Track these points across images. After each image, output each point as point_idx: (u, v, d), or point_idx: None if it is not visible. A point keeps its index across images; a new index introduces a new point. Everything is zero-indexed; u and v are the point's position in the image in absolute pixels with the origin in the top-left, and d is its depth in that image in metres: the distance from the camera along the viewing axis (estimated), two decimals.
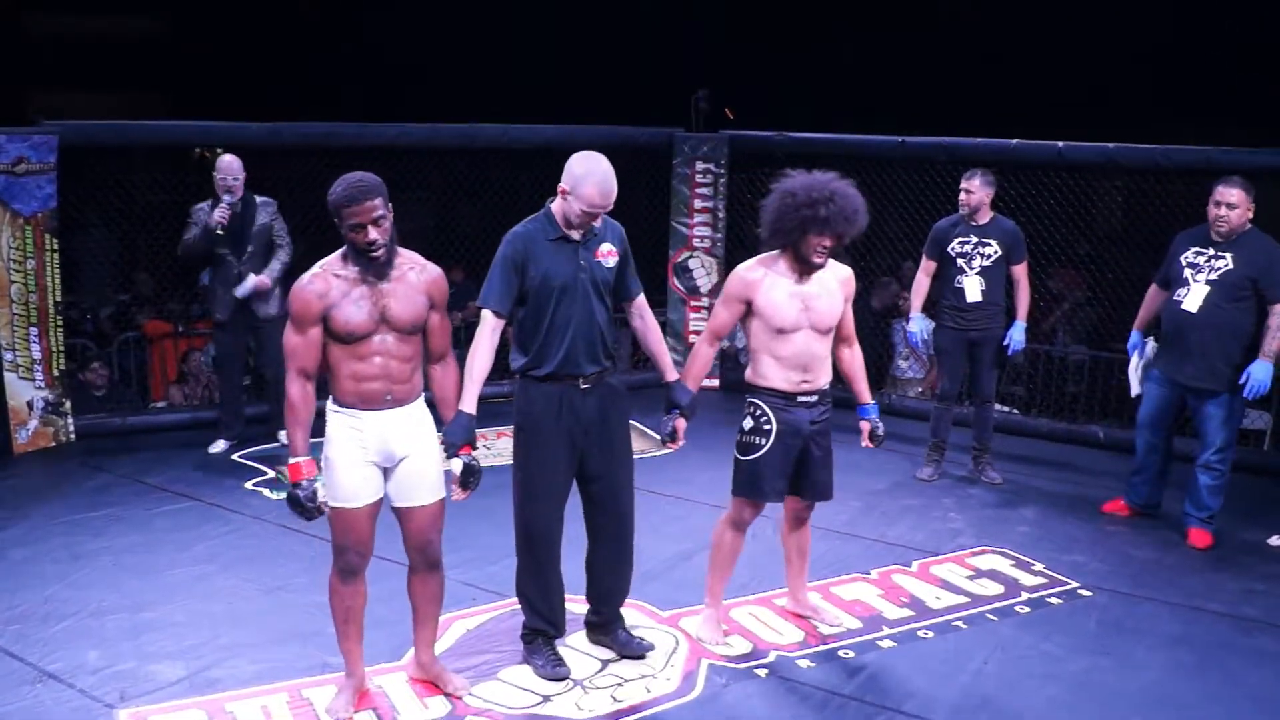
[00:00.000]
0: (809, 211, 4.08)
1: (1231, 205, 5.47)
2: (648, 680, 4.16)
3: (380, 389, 3.67)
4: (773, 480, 4.33)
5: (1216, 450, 5.65)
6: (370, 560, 3.83)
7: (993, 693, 4.15)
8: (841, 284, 4.33)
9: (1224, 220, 5.49)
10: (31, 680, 4.06)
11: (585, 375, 4.07)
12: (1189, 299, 5.57)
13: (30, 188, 6.78)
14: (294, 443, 3.64)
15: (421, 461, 3.79)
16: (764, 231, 4.25)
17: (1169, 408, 5.83)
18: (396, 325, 3.66)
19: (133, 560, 5.23)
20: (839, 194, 4.11)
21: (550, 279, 3.99)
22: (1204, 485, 5.70)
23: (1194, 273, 5.58)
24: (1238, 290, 5.45)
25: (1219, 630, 4.74)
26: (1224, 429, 5.61)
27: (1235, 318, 5.47)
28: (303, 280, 3.63)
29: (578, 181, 3.94)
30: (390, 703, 3.95)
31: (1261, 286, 5.43)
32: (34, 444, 6.98)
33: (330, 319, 3.60)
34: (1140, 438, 5.99)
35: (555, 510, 4.15)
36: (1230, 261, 5.48)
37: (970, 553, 5.55)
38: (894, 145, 8.10)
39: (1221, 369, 5.52)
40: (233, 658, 4.26)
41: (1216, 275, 5.51)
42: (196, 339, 8.62)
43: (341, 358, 3.65)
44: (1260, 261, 5.43)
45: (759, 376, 4.33)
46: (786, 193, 4.15)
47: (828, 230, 4.11)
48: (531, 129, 8.42)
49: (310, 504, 3.62)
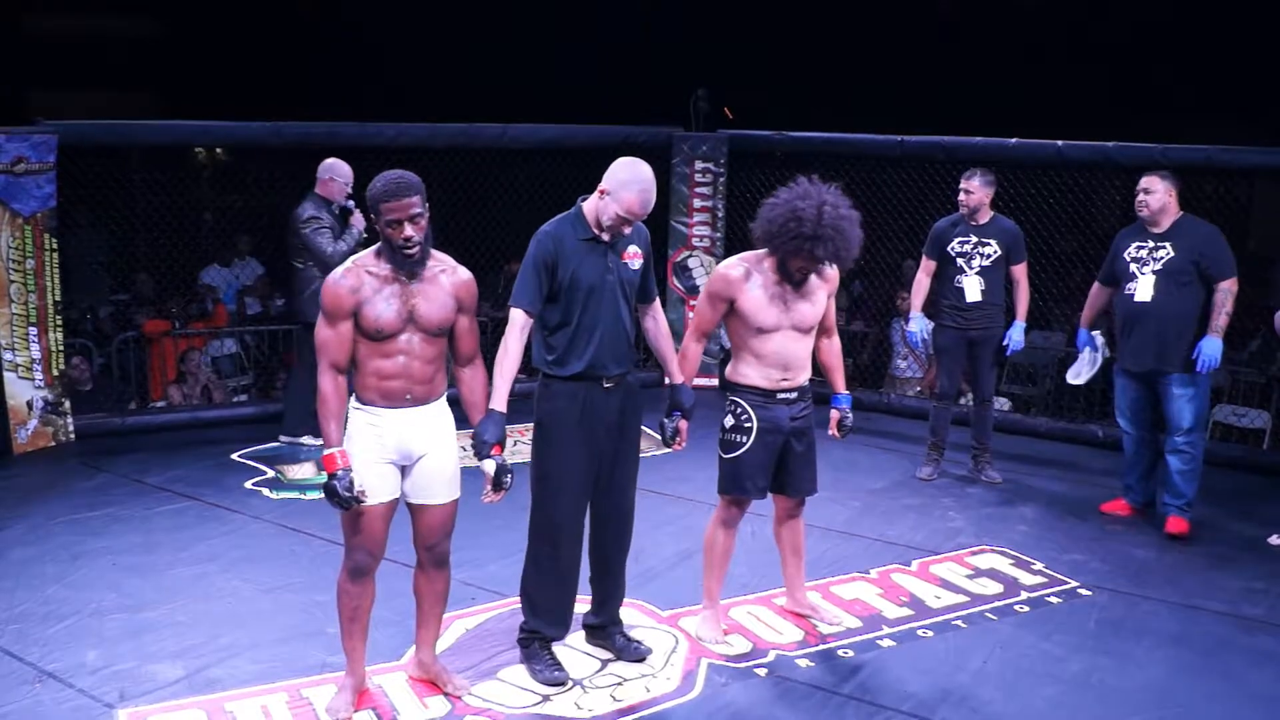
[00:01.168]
0: (808, 245, 4.06)
1: (1148, 191, 5.72)
2: (647, 679, 4.16)
3: (401, 387, 3.69)
4: (754, 477, 4.36)
5: (1184, 433, 5.75)
6: (387, 563, 3.83)
7: (992, 692, 4.15)
8: (825, 282, 4.33)
9: (1143, 205, 5.74)
10: (31, 680, 4.05)
11: (610, 376, 4.07)
12: (1139, 290, 5.74)
13: (29, 187, 6.78)
14: (327, 434, 3.65)
15: (439, 460, 3.80)
16: (756, 233, 4.24)
17: (1141, 400, 5.94)
18: (424, 326, 3.68)
19: (132, 560, 5.22)
20: (843, 232, 4.08)
21: (579, 280, 3.98)
22: (1175, 470, 5.79)
23: (1139, 265, 5.76)
24: (1183, 275, 5.65)
25: (1219, 629, 4.74)
26: (1189, 410, 5.72)
27: (1184, 301, 5.67)
28: (335, 274, 3.65)
29: (621, 186, 3.91)
30: (390, 702, 3.95)
31: (1204, 267, 5.63)
32: (34, 444, 6.98)
33: (361, 315, 3.62)
34: (1127, 438, 6.07)
35: (578, 509, 4.15)
36: (1170, 249, 5.68)
37: (970, 552, 5.55)
38: (893, 145, 8.10)
39: (1176, 351, 5.68)
40: (232, 657, 4.26)
41: (1160, 265, 5.70)
42: (196, 339, 8.63)
43: (367, 355, 3.67)
44: (1199, 245, 5.64)
45: (739, 375, 4.35)
46: (795, 213, 4.07)
47: (814, 263, 4.13)
48: (531, 128, 8.42)
49: (348, 493, 3.61)
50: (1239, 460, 7.17)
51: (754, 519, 4.65)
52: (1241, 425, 7.90)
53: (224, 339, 8.95)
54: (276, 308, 9.51)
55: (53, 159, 6.88)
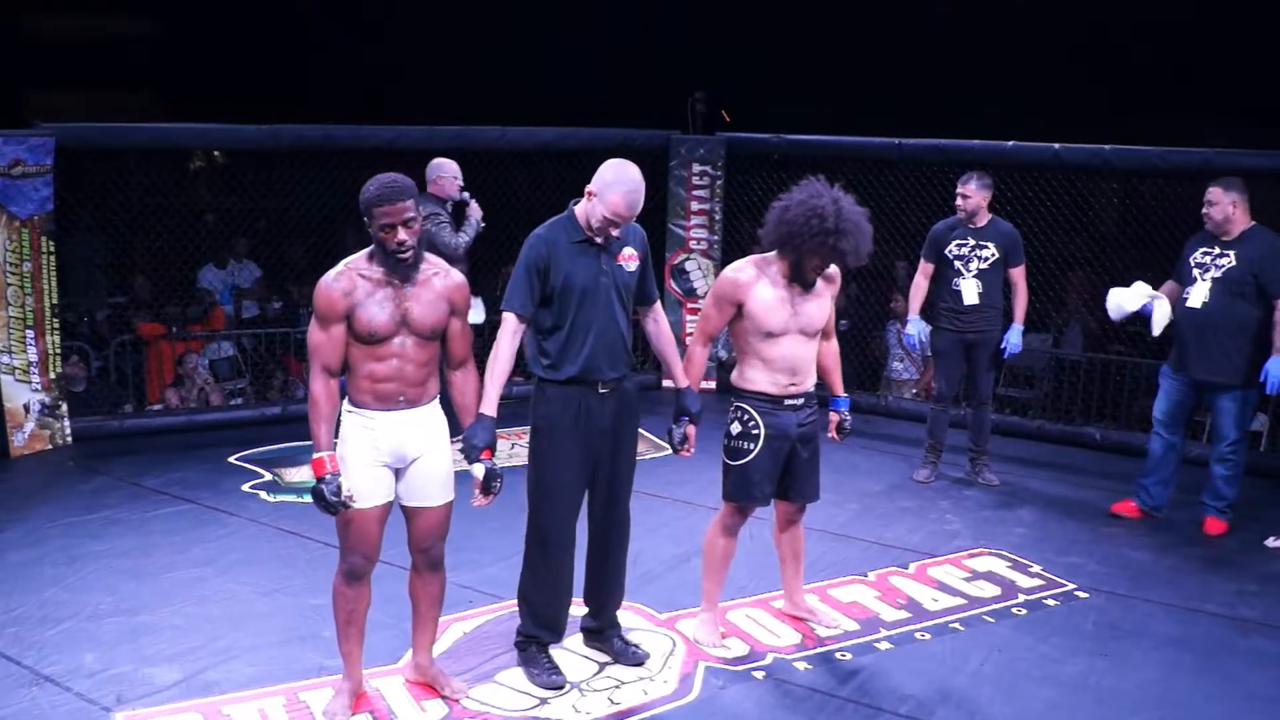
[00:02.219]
0: (832, 240, 4.04)
1: (1211, 202, 5.65)
2: (645, 683, 4.16)
3: (394, 390, 3.68)
4: (761, 484, 4.35)
5: (1230, 443, 5.78)
6: (385, 566, 3.82)
7: (990, 694, 4.15)
8: (828, 285, 4.33)
9: (1206, 217, 5.68)
10: (28, 683, 4.05)
11: (605, 380, 4.06)
12: (1194, 296, 5.71)
13: (26, 190, 6.77)
14: (317, 438, 3.63)
15: (433, 462, 3.79)
16: (770, 235, 4.20)
17: (1184, 406, 5.93)
18: (417, 329, 3.67)
19: (129, 563, 5.22)
20: (861, 228, 4.08)
21: (572, 282, 3.97)
22: (1219, 476, 5.84)
23: (1201, 271, 5.72)
24: (1240, 286, 5.59)
25: (1216, 631, 4.74)
26: (1237, 421, 5.75)
27: (1240, 313, 5.61)
28: (327, 278, 3.64)
29: (606, 187, 3.91)
30: (387, 705, 3.95)
31: (1262, 282, 5.54)
32: (30, 447, 6.97)
33: (354, 318, 3.62)
34: (1157, 440, 6.01)
35: (570, 514, 4.15)
36: (1233, 259, 5.62)
37: (967, 554, 5.55)
38: (891, 147, 8.11)
39: (1231, 363, 5.64)
40: (229, 660, 4.26)
41: (1220, 272, 5.64)
42: (193, 342, 8.63)
43: (360, 358, 3.66)
44: (1260, 258, 5.55)
45: (746, 380, 4.33)
46: (814, 211, 4.06)
47: (837, 261, 4.14)
48: (529, 131, 8.42)
49: (335, 498, 3.59)
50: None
51: (753, 522, 4.65)
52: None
53: (221, 342, 8.95)
54: (274, 310, 9.51)
55: (50, 161, 6.87)
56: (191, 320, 9.00)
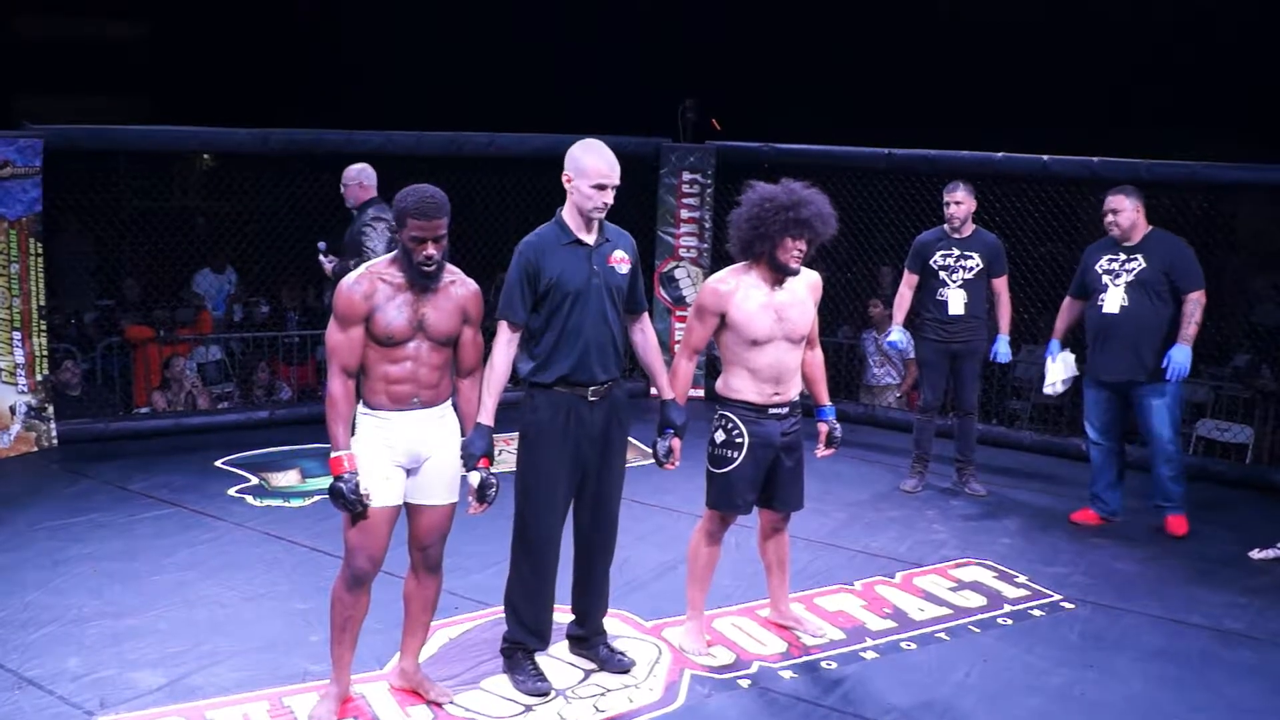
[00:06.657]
0: (790, 214, 4.13)
1: (1115, 210, 5.87)
2: (630, 690, 4.16)
3: (408, 391, 3.74)
4: (744, 493, 4.37)
5: (1167, 440, 5.92)
6: (379, 573, 3.82)
7: (975, 704, 4.16)
8: (811, 290, 4.37)
9: (1114, 225, 5.88)
10: (10, 687, 4.03)
11: (597, 383, 4.06)
12: (1109, 301, 5.89)
13: (15, 192, 6.76)
14: (335, 437, 3.68)
15: (443, 461, 3.84)
16: (737, 243, 4.29)
17: (1113, 410, 6.08)
18: (432, 335, 3.73)
19: (114, 567, 5.20)
20: (813, 198, 4.19)
21: (563, 284, 3.99)
22: (1166, 476, 5.99)
23: (1111, 278, 5.91)
24: (1154, 286, 5.82)
25: (1201, 643, 4.75)
26: (1166, 417, 5.90)
27: (1154, 312, 5.82)
28: (349, 280, 3.71)
29: (578, 160, 4.00)
30: (372, 711, 3.94)
31: (1174, 279, 5.78)
32: (16, 449, 6.94)
33: (373, 321, 3.68)
34: (1095, 448, 6.18)
35: (555, 521, 4.14)
36: (1142, 261, 5.84)
37: (953, 564, 5.56)
38: (880, 157, 8.13)
39: (1149, 361, 5.83)
40: (214, 665, 4.24)
41: (1132, 276, 5.84)
42: (180, 345, 8.60)
43: (375, 360, 3.72)
44: (1170, 258, 5.80)
45: (730, 389, 4.35)
46: (764, 198, 4.19)
47: (807, 231, 4.18)
48: (518, 138, 8.42)
49: (354, 495, 3.65)
50: (1222, 475, 7.20)
51: (738, 530, 4.65)
52: (1224, 440, 7.94)
53: (209, 345, 8.92)
54: (261, 315, 9.48)
55: (39, 163, 6.86)
56: (180, 324, 8.97)
